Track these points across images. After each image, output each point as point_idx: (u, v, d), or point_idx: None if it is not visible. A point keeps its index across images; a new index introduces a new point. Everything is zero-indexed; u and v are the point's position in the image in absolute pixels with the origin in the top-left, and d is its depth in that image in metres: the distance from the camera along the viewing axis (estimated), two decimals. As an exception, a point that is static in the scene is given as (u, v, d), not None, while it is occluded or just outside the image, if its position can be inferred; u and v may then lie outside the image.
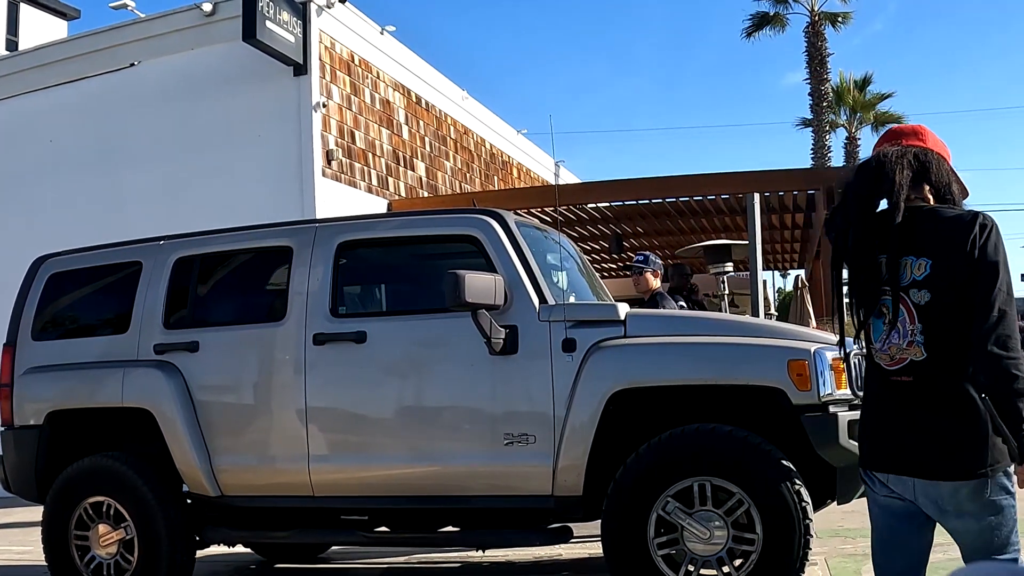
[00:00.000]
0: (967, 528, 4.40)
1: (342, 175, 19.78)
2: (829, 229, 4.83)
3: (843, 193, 4.76)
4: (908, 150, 4.67)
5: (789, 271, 38.15)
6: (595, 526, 7.87)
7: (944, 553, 4.93)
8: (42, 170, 20.63)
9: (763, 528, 7.16)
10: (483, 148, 28.15)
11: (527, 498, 8.01)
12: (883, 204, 4.59)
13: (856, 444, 6.85)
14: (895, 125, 5.12)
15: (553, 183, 31.74)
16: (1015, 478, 4.32)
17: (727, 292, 16.71)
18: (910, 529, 4.56)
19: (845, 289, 4.82)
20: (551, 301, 8.03)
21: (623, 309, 7.96)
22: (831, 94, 44.96)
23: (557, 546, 8.76)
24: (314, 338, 8.51)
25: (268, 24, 17.79)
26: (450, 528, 8.81)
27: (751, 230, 14.97)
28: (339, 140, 19.80)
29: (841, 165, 42.54)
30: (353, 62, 20.76)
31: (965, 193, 4.71)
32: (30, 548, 11.76)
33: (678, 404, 7.83)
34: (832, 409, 7.24)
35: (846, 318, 4.83)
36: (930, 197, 4.63)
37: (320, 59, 19.44)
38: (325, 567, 11.43)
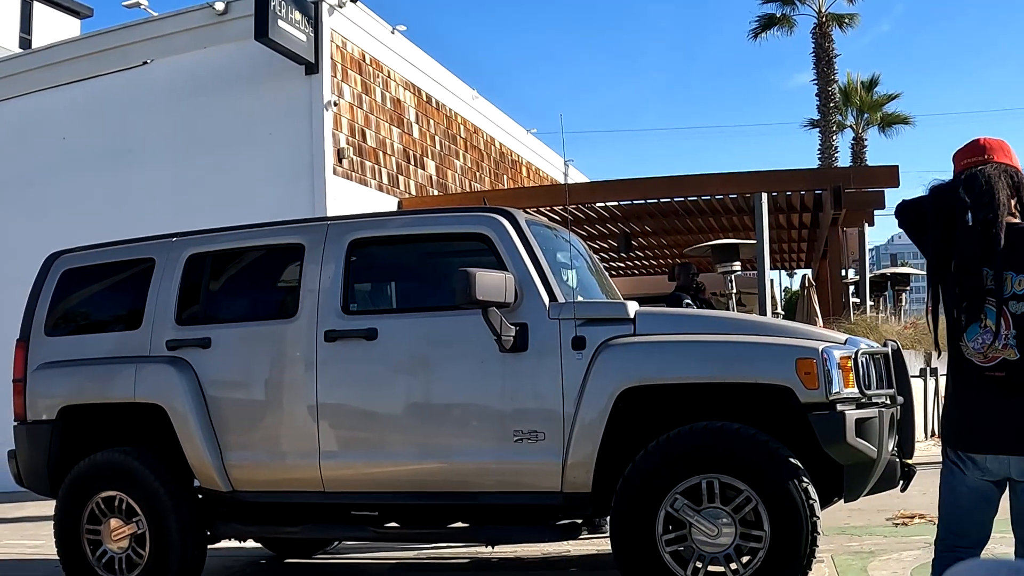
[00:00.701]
0: None
1: (353, 173, 19.80)
2: (904, 222, 5.51)
3: (940, 201, 5.28)
4: (1005, 168, 5.21)
5: (796, 270, 38.19)
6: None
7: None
8: (54, 167, 20.65)
9: (770, 525, 7.17)
10: (493, 147, 28.15)
11: (536, 494, 8.01)
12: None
13: (864, 442, 6.97)
14: (981, 138, 5.42)
15: (562, 182, 31.79)
16: None
17: (735, 291, 16.74)
18: (988, 508, 5.23)
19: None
20: (561, 299, 8.04)
21: (632, 307, 7.96)
22: (838, 95, 44.92)
23: (566, 542, 8.75)
24: (325, 335, 8.53)
25: (280, 23, 17.81)
26: (459, 524, 8.81)
27: (758, 229, 15.01)
28: (350, 138, 19.82)
29: (848, 165, 42.54)
30: (364, 61, 20.77)
31: None
32: (42, 542, 11.78)
33: (687, 402, 7.83)
34: (840, 407, 7.23)
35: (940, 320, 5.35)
36: (1017, 213, 5.14)
37: (331, 58, 19.46)
38: (335, 561, 11.44)
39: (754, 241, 15.99)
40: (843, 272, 24.38)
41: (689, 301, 12.94)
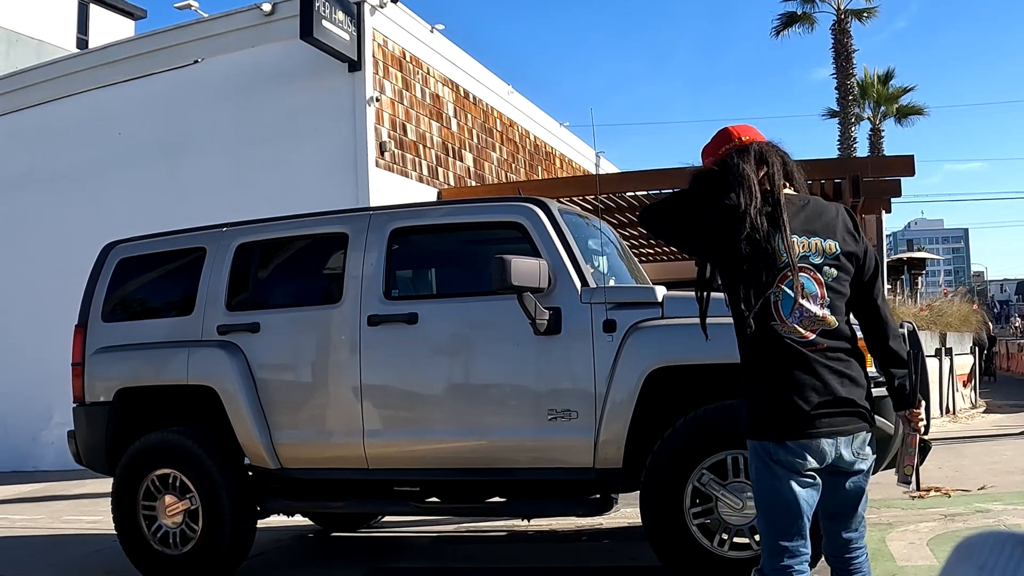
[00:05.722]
0: (856, 487, 4.75)
1: (394, 165, 19.81)
2: (711, 201, 4.73)
3: (737, 175, 4.68)
4: (771, 144, 4.86)
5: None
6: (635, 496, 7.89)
7: (964, 522, 5.00)
8: (111, 162, 20.73)
9: (793, 499, 7.16)
10: (527, 140, 28.11)
11: (570, 470, 8.04)
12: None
13: (881, 419, 6.87)
14: (730, 126, 5.01)
15: (594, 173, 31.72)
16: None
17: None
18: (814, 498, 4.62)
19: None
20: (592, 284, 8.05)
21: (660, 292, 7.97)
22: (856, 88, 44.64)
23: (598, 516, 8.77)
24: (368, 319, 8.56)
25: (324, 23, 17.82)
26: (497, 499, 8.84)
27: (782, 217, 14.92)
28: (391, 132, 19.83)
29: (866, 155, 42.34)
30: (404, 59, 20.77)
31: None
32: (100, 518, 11.85)
33: (713, 381, 7.83)
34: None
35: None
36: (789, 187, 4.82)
37: (373, 56, 19.46)
38: (379, 535, 11.49)
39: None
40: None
41: None
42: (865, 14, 43.52)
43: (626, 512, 9.63)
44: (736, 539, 7.41)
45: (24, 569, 9.95)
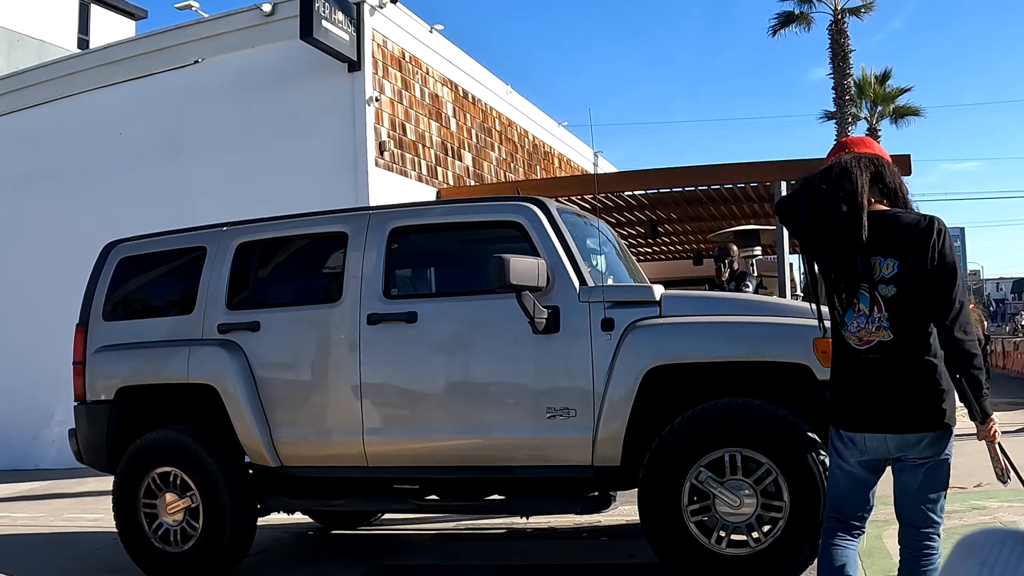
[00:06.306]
0: (914, 476, 5.12)
1: (394, 165, 19.82)
2: (784, 217, 5.61)
3: (806, 192, 5.28)
4: (862, 156, 5.29)
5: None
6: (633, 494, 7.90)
7: (960, 519, 5.15)
8: (112, 162, 20.75)
9: (790, 496, 7.20)
10: (526, 139, 28.13)
11: (568, 468, 8.04)
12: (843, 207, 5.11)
13: None
14: (844, 138, 5.53)
15: (592, 172, 31.74)
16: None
17: (756, 274, 16.72)
18: (861, 489, 5.31)
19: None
20: (591, 283, 8.06)
21: (658, 291, 7.98)
22: (853, 88, 44.62)
23: (596, 513, 8.79)
24: (368, 318, 8.57)
25: (324, 23, 17.84)
26: (496, 496, 8.84)
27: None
28: (391, 132, 19.84)
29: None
30: (404, 59, 20.79)
31: (908, 195, 5.36)
32: (101, 516, 11.87)
33: (710, 380, 7.85)
34: (855, 384, 7.25)
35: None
36: (884, 200, 5.25)
37: (373, 56, 19.47)
38: (378, 532, 11.49)
39: (774, 227, 16.00)
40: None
41: (749, 282, 13.10)
42: (863, 10, 43.50)
43: (624, 510, 9.63)
44: (733, 536, 7.41)
45: (26, 567, 9.95)
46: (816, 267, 5.38)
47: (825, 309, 5.42)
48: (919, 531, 5.20)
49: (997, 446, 5.14)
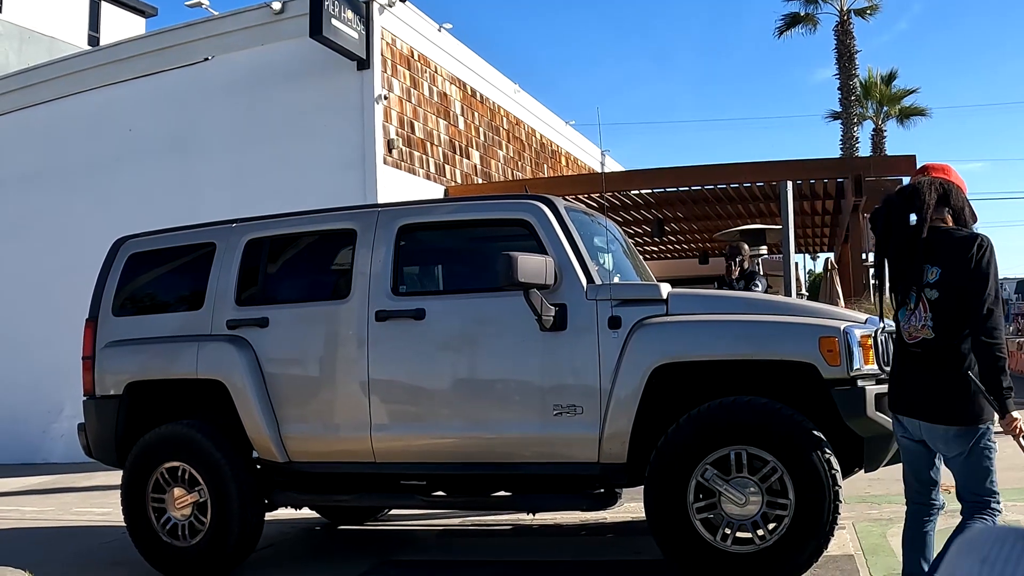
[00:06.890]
0: (954, 464, 5.73)
1: (402, 163, 19.85)
2: (874, 227, 6.15)
3: (885, 204, 6.02)
4: (935, 180, 5.95)
5: (819, 254, 38.17)
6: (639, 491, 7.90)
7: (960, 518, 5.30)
8: (121, 158, 20.80)
9: (795, 494, 7.19)
10: (534, 138, 28.15)
11: (574, 465, 8.04)
12: (912, 219, 5.84)
13: (883, 416, 7.10)
14: (928, 162, 6.27)
15: (599, 171, 31.74)
16: (992, 431, 5.66)
17: (762, 273, 16.70)
18: (916, 461, 5.98)
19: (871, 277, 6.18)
20: (598, 281, 8.06)
21: (665, 289, 7.98)
22: (859, 89, 44.66)
23: (602, 510, 8.79)
24: (376, 315, 8.57)
25: (333, 22, 17.87)
26: (502, 493, 8.85)
27: (784, 215, 14.99)
28: (399, 130, 19.86)
29: (868, 155, 42.30)
30: (412, 57, 20.81)
31: (975, 218, 6.01)
32: (109, 510, 11.89)
33: (716, 378, 7.85)
34: (860, 383, 7.29)
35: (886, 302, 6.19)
36: (949, 219, 5.90)
37: (382, 54, 19.50)
38: (385, 528, 11.49)
39: (780, 226, 15.96)
40: (864, 256, 24.30)
41: (759, 282, 13.14)
42: (869, 11, 43.52)
43: (630, 507, 9.63)
44: (739, 534, 7.42)
45: (34, 560, 9.96)
46: (886, 268, 6.01)
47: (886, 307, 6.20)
48: (972, 504, 5.77)
49: (1020, 440, 5.63)
